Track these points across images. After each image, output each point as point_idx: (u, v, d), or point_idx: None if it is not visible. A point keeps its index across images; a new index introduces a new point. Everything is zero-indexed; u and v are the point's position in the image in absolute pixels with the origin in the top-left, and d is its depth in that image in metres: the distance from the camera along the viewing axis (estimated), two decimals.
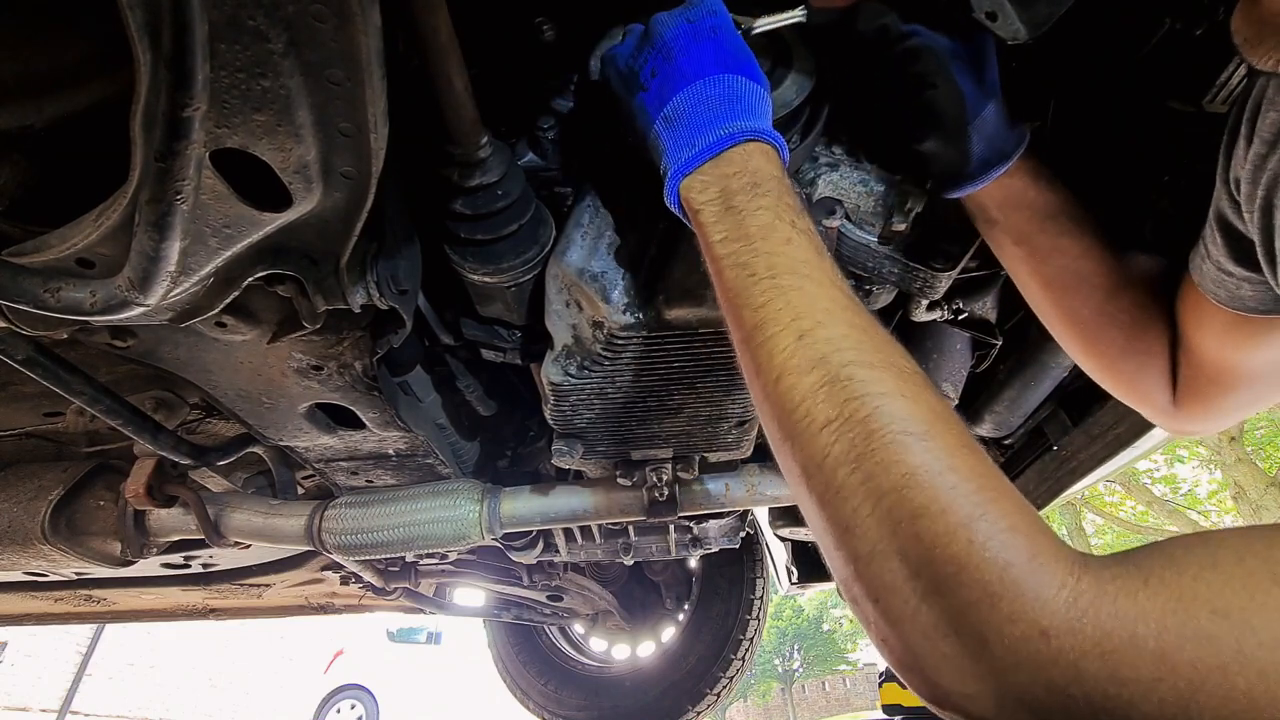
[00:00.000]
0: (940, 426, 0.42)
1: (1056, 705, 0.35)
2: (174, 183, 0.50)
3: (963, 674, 0.37)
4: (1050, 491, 1.33)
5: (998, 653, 0.36)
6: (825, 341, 0.47)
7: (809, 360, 0.46)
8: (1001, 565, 0.37)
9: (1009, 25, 0.68)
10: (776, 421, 0.48)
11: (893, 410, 0.43)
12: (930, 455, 0.41)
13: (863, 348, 0.46)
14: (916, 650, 0.39)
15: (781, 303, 0.49)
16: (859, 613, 0.43)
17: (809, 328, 0.47)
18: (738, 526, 1.63)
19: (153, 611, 2.03)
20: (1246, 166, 0.53)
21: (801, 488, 0.46)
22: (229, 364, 0.87)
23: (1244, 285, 0.60)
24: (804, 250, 0.52)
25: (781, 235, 0.52)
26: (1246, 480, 9.55)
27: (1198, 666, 0.33)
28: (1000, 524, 0.38)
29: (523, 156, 0.79)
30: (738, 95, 0.58)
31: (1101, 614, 0.35)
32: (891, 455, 0.41)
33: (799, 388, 0.46)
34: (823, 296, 0.49)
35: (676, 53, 0.60)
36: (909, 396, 0.44)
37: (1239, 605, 0.34)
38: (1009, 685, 0.36)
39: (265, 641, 9.63)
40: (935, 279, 0.80)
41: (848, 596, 0.44)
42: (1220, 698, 0.32)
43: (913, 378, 0.46)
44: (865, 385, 0.44)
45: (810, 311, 0.48)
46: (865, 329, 0.48)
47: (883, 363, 0.46)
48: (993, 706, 0.36)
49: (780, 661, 32.52)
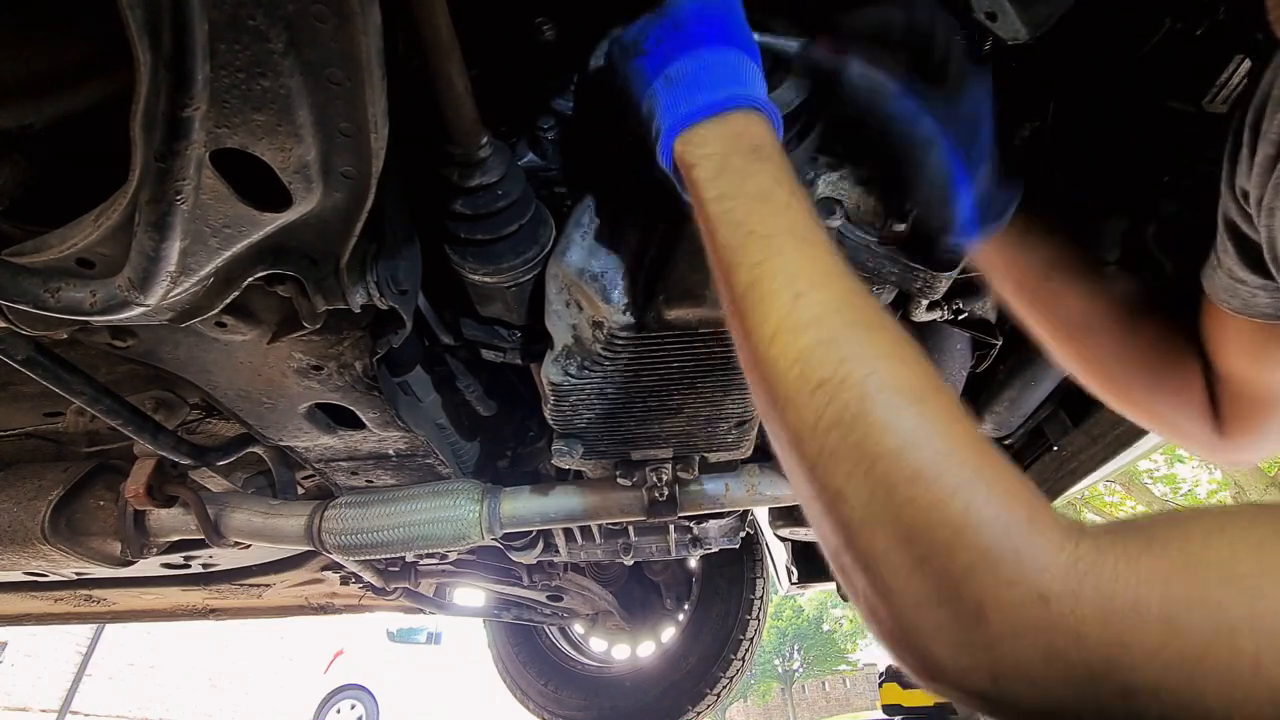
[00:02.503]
0: (935, 395, 0.41)
1: (1055, 673, 0.34)
2: (174, 183, 0.50)
3: (957, 645, 0.36)
4: (1050, 491, 1.33)
5: (995, 620, 0.35)
6: (821, 303, 0.45)
7: (805, 320, 0.45)
8: (1000, 530, 0.36)
9: (1009, 25, 0.68)
10: (768, 384, 0.46)
11: (889, 373, 0.41)
12: (926, 421, 0.40)
13: (860, 309, 0.45)
14: (908, 622, 0.38)
15: (779, 262, 0.47)
16: (848, 584, 0.42)
17: (805, 289, 0.46)
18: (738, 526, 1.63)
19: (153, 611, 2.03)
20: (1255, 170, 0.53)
21: (792, 454, 0.44)
22: (229, 364, 0.87)
23: (1259, 293, 0.58)
24: (803, 216, 0.50)
25: (780, 200, 0.51)
26: (1246, 480, 9.56)
27: (1204, 631, 0.32)
28: (996, 489, 0.37)
29: (523, 156, 0.79)
30: (743, 68, 0.57)
31: (1103, 578, 0.34)
32: (887, 419, 0.40)
33: (794, 347, 0.44)
34: (821, 259, 0.48)
35: (686, 21, 0.59)
36: (906, 361, 0.43)
37: (1249, 570, 0.33)
38: (1006, 654, 0.35)
39: (265, 641, 9.63)
40: (935, 279, 0.80)
41: (836, 567, 0.43)
42: (1227, 662, 0.31)
43: (908, 345, 0.44)
44: (862, 347, 0.43)
45: (808, 273, 0.47)
46: (859, 295, 0.47)
47: (879, 325, 0.44)
48: (987, 678, 0.35)
49: (780, 661, 32.53)
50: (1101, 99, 0.82)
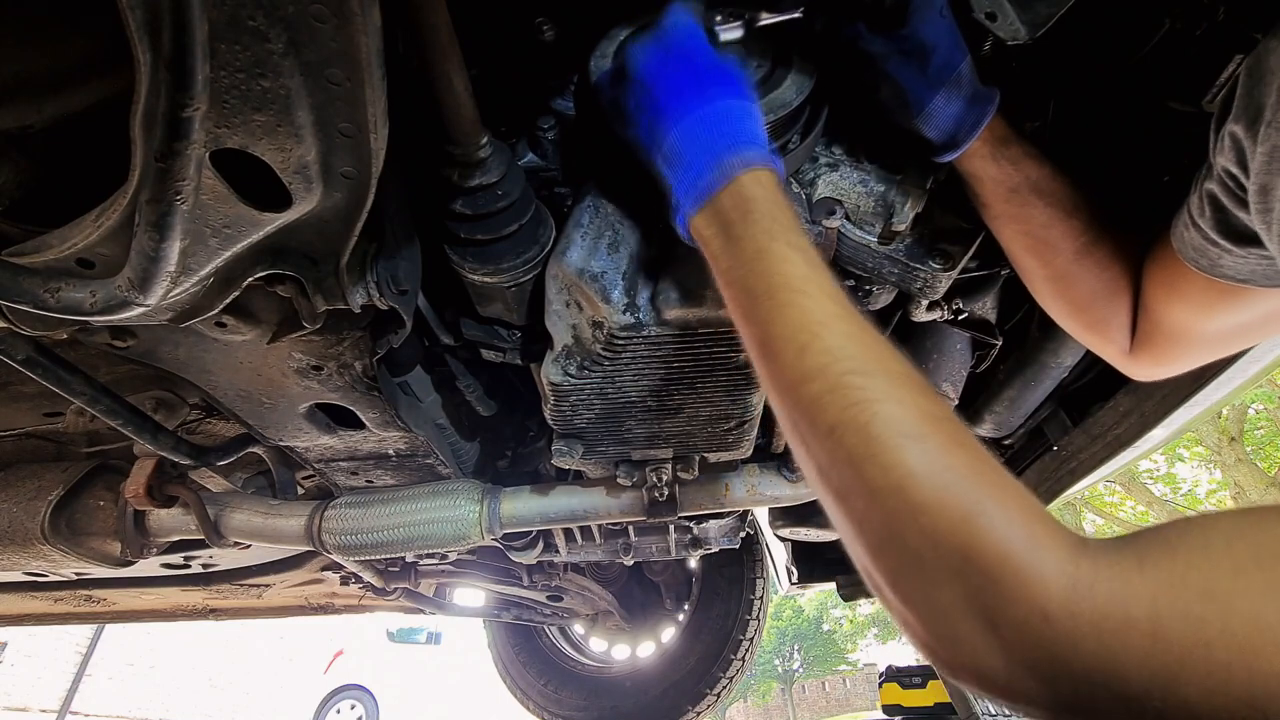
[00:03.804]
0: (932, 427, 0.46)
1: (1060, 673, 0.39)
2: (174, 183, 0.50)
3: (976, 650, 0.42)
4: (1050, 491, 1.33)
5: (1006, 633, 0.40)
6: (823, 353, 0.51)
7: (810, 371, 0.50)
8: (1002, 554, 0.41)
9: (1009, 25, 0.68)
10: (791, 426, 0.52)
11: (889, 415, 0.47)
12: (927, 456, 0.45)
13: (858, 356, 0.50)
14: (935, 630, 0.44)
15: (782, 321, 0.53)
16: (882, 598, 0.48)
17: (807, 341, 0.52)
18: (738, 526, 1.63)
19: (153, 612, 2.03)
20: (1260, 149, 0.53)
21: (820, 486, 0.50)
22: (229, 364, 0.87)
23: (1224, 256, 0.62)
24: (799, 266, 0.56)
25: (777, 255, 0.56)
26: (1246, 480, 9.56)
27: (1185, 643, 0.37)
28: (998, 515, 0.42)
29: (523, 156, 0.79)
30: (724, 126, 0.61)
31: (1098, 597, 0.39)
32: (890, 458, 0.45)
33: (804, 397, 0.50)
34: (818, 310, 0.53)
35: (653, 86, 0.63)
36: (903, 401, 0.48)
37: (1225, 588, 0.38)
38: (1018, 660, 0.40)
39: (265, 642, 9.63)
40: (935, 279, 0.80)
41: (871, 585, 0.48)
42: (1204, 669, 0.36)
43: (906, 381, 0.49)
44: (863, 392, 0.48)
45: (808, 324, 0.52)
46: (860, 337, 0.52)
47: (878, 369, 0.50)
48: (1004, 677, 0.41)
49: (780, 661, 32.52)
50: (1101, 99, 0.82)
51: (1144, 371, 0.79)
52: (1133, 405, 1.12)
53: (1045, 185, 0.74)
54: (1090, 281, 0.75)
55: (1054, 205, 0.74)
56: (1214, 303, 0.67)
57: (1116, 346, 0.79)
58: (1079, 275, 0.76)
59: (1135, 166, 0.83)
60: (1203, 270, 0.65)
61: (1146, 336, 0.75)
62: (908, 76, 0.69)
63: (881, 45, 0.70)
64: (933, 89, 0.69)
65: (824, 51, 0.74)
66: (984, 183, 0.75)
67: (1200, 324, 0.70)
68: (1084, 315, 0.79)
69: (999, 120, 0.72)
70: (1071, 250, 0.75)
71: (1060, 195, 0.74)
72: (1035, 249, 0.76)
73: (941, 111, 0.70)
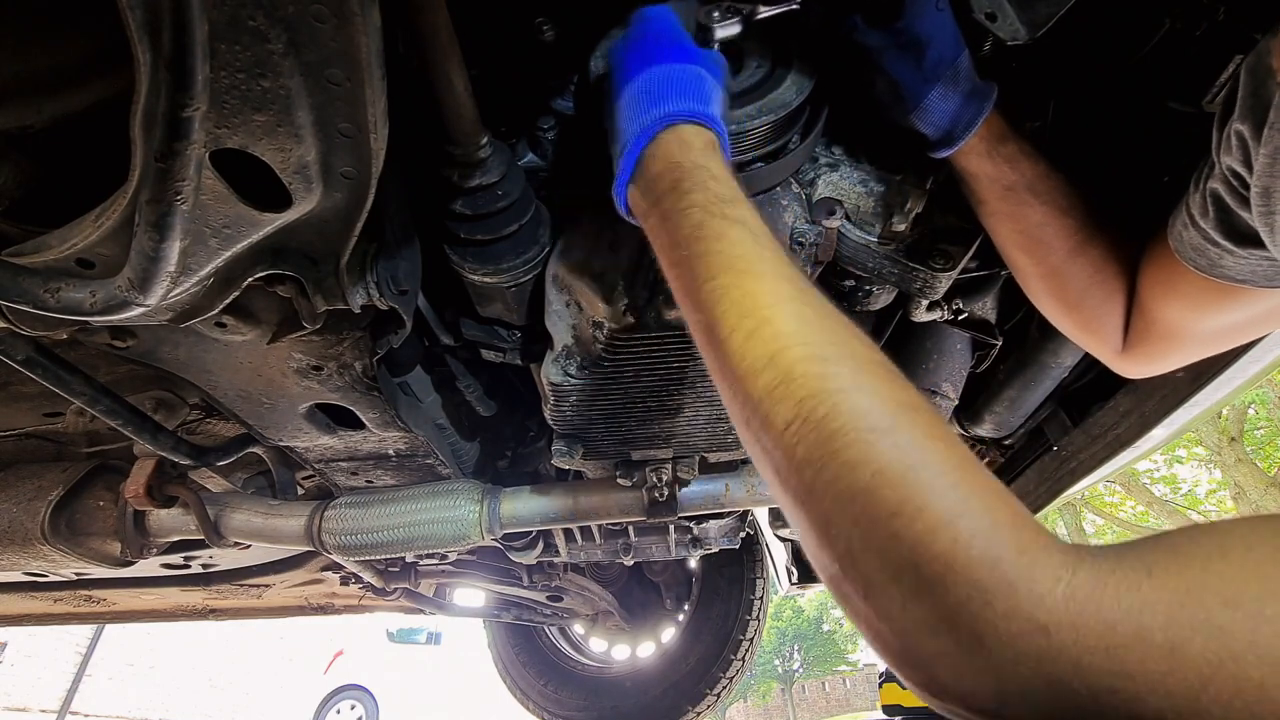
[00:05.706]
0: (905, 418, 0.41)
1: (1060, 699, 0.34)
2: (174, 183, 0.50)
3: (959, 669, 0.36)
4: (1050, 491, 1.33)
5: (995, 649, 0.35)
6: (772, 339, 0.45)
7: (759, 361, 0.44)
8: (990, 562, 0.36)
9: (1009, 26, 0.68)
10: (743, 423, 0.46)
11: (852, 405, 0.41)
12: (898, 451, 0.39)
13: (814, 341, 0.44)
14: (910, 646, 0.38)
15: (725, 304, 0.47)
16: (851, 610, 0.42)
17: (754, 327, 0.46)
18: (738, 527, 1.63)
19: (153, 612, 2.03)
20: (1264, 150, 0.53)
21: (777, 489, 0.44)
22: (229, 364, 0.87)
23: (1225, 256, 0.62)
24: (739, 244, 0.50)
25: (714, 231, 0.50)
26: (1246, 480, 9.55)
27: (1209, 658, 0.31)
28: (984, 519, 0.37)
29: (523, 156, 0.79)
30: (656, 88, 0.58)
31: (1104, 607, 0.34)
32: (857, 455, 0.39)
33: (755, 390, 0.44)
34: (764, 291, 0.47)
35: (614, 70, 0.63)
36: (867, 389, 0.42)
37: (1252, 594, 0.33)
38: (1009, 679, 0.35)
39: (265, 642, 9.63)
40: (935, 279, 0.80)
41: (838, 595, 0.42)
42: (1232, 689, 0.31)
43: (871, 367, 0.44)
44: (820, 381, 0.42)
45: (754, 309, 0.46)
46: (814, 320, 0.46)
47: (836, 355, 0.44)
48: (993, 700, 0.35)
49: (780, 662, 32.51)
50: (1101, 99, 0.82)
51: (1136, 369, 0.79)
52: (1133, 405, 1.12)
53: (1040, 184, 0.73)
54: (1083, 280, 0.75)
55: (1049, 204, 0.73)
56: (1211, 302, 0.66)
57: (1109, 345, 0.78)
58: (1072, 274, 0.75)
59: (1134, 166, 0.83)
60: (1201, 270, 0.64)
61: (1140, 335, 0.75)
62: (903, 70, 0.69)
63: (877, 38, 0.69)
64: (929, 83, 0.69)
65: (822, 48, 0.74)
66: (979, 180, 0.74)
67: (1196, 323, 0.69)
68: (1076, 313, 0.78)
69: (996, 117, 0.72)
70: (1065, 249, 0.74)
71: (1055, 194, 0.73)
72: (1029, 247, 0.76)
73: (937, 106, 0.70)
